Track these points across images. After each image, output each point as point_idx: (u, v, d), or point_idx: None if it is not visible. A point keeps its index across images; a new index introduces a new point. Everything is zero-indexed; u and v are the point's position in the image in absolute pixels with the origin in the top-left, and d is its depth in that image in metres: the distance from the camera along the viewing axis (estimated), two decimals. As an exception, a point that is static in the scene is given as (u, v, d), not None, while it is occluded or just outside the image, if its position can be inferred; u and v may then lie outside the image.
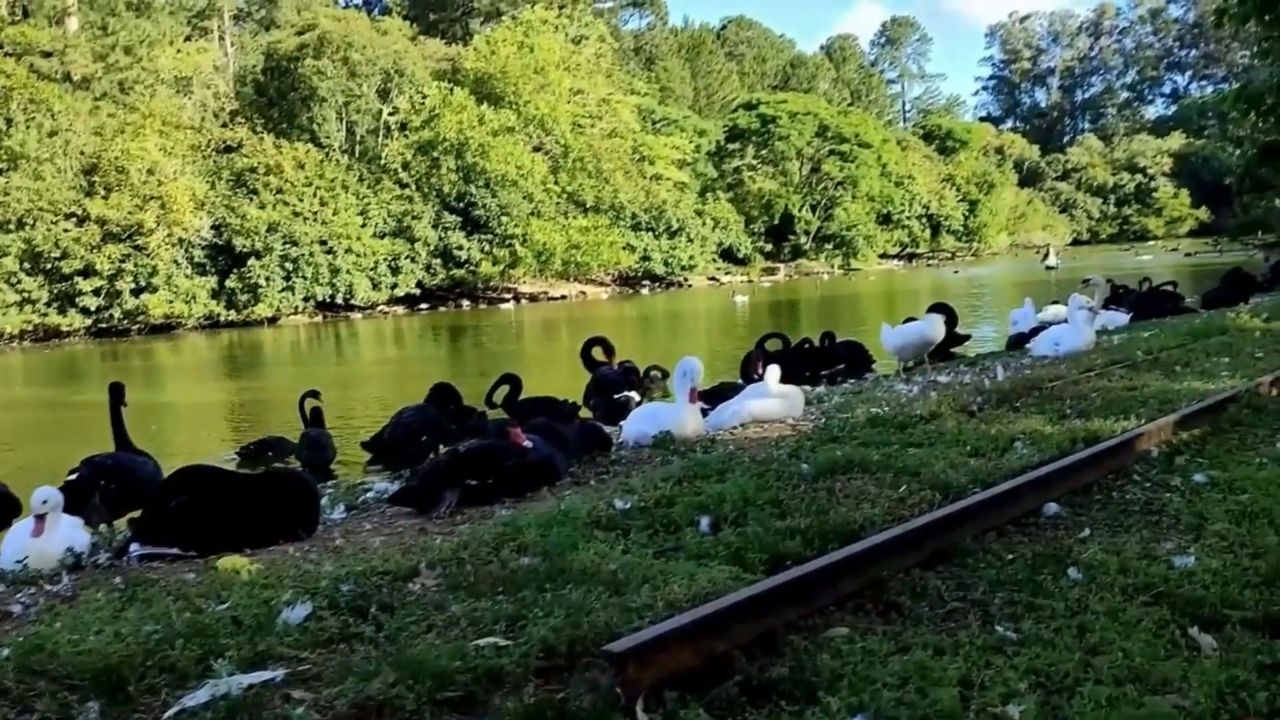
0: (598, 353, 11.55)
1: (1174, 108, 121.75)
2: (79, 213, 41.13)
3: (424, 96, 52.81)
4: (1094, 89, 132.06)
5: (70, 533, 5.03)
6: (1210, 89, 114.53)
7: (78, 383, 25.70)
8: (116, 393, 7.58)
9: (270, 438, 11.46)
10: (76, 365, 32.05)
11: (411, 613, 3.50)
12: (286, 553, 4.76)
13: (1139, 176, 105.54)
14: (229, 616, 3.48)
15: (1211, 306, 16.56)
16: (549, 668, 3.01)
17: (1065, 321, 11.99)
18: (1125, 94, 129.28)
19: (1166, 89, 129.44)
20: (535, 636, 3.13)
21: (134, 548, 4.94)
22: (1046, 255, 57.78)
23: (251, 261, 43.88)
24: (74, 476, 6.83)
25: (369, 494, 6.36)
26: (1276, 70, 15.05)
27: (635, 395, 10.56)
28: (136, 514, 5.74)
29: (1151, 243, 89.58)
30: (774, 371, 8.21)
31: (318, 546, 4.91)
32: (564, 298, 52.71)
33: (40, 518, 4.97)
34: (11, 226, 40.10)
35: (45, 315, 40.68)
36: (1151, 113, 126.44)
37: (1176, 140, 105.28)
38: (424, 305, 49.59)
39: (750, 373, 10.89)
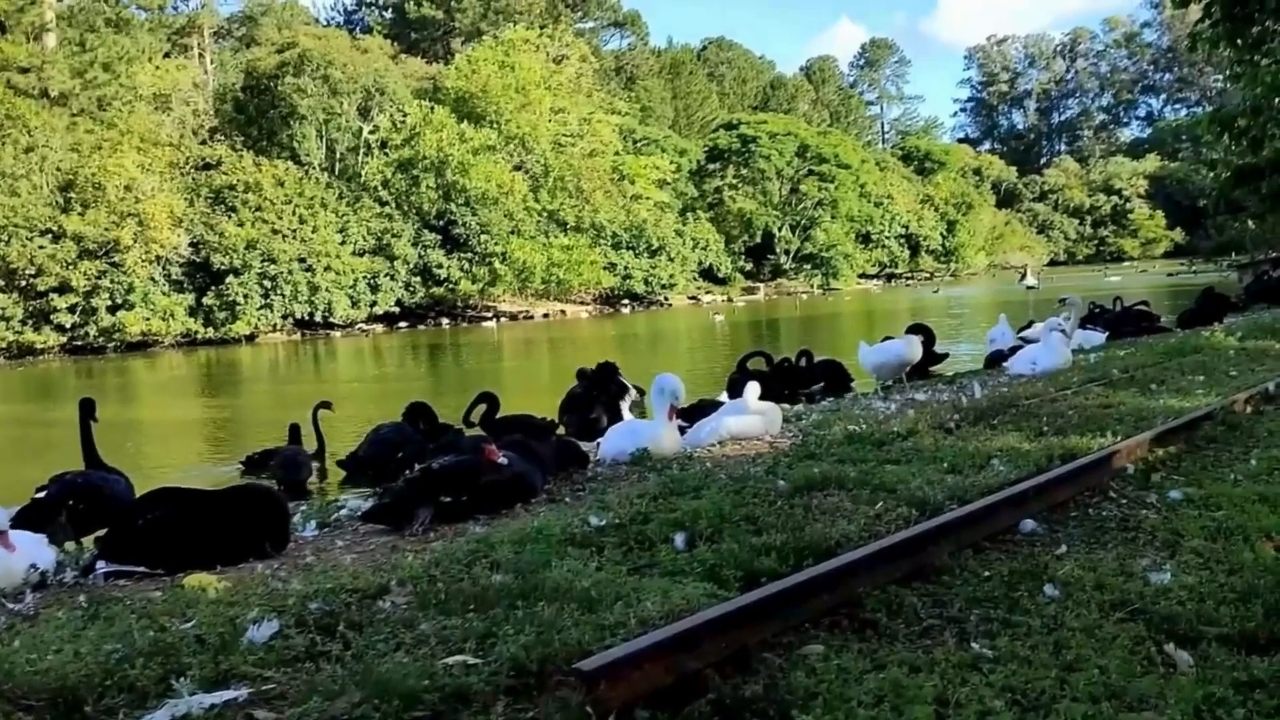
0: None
1: (1149, 130, 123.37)
2: (55, 229, 40.75)
3: (404, 115, 52.79)
4: (1070, 111, 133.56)
5: (34, 550, 4.92)
6: (1184, 112, 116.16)
7: (51, 400, 25.39)
8: (86, 408, 7.47)
9: (275, 448, 11.34)
10: (51, 383, 31.71)
11: (380, 631, 3.45)
12: (255, 570, 4.68)
13: (1115, 198, 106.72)
14: (193, 635, 3.41)
15: (1187, 326, 16.71)
16: (519, 686, 2.96)
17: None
18: (1101, 117, 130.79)
19: (1141, 112, 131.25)
20: (505, 654, 3.08)
21: (100, 565, 4.85)
22: (1024, 276, 58.21)
23: (230, 279, 43.63)
24: (42, 494, 6.72)
25: (342, 511, 6.29)
26: (1249, 94, 15.18)
27: (632, 394, 10.49)
28: (104, 532, 5.64)
29: (1127, 264, 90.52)
30: (753, 389, 8.20)
31: (288, 564, 4.84)
32: (546, 316, 52.68)
33: (2, 534, 4.85)
34: (-14, 243, 39.77)
35: (20, 333, 40.24)
36: (1127, 135, 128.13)
37: (1152, 163, 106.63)
38: (403, 323, 49.42)
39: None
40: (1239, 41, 14.62)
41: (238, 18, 72.44)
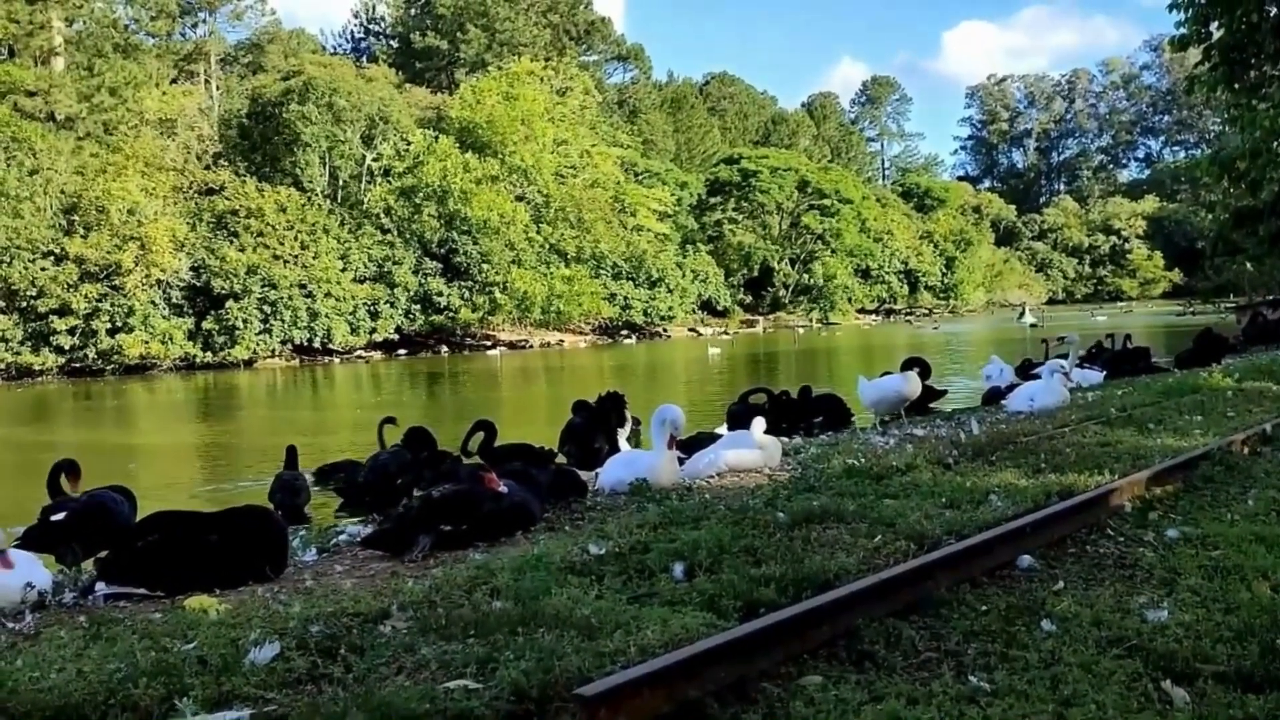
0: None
1: (1147, 172, 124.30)
2: (57, 251, 40.91)
3: (408, 143, 53.08)
4: (1069, 151, 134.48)
5: (30, 569, 4.92)
6: (1182, 154, 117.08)
7: (48, 423, 25.41)
8: (57, 470, 7.28)
9: (345, 460, 11.44)
10: (49, 404, 31.70)
11: (381, 654, 3.46)
12: (255, 593, 4.69)
13: (1113, 238, 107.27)
14: (195, 656, 3.42)
15: (1184, 366, 16.73)
16: (519, 712, 2.98)
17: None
18: (1100, 157, 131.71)
19: (1140, 153, 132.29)
20: (506, 680, 3.09)
21: (100, 587, 4.85)
22: (1024, 313, 58.49)
23: (230, 303, 43.70)
24: (56, 515, 6.67)
25: (341, 537, 6.29)
26: (1247, 137, 15.31)
27: (629, 424, 10.53)
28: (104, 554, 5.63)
29: (1120, 304, 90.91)
30: (759, 423, 8.24)
31: (287, 587, 4.85)
32: (546, 346, 52.73)
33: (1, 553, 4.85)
34: (-12, 264, 39.87)
35: (19, 354, 40.26)
36: (1125, 176, 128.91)
37: (1150, 204, 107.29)
38: (402, 351, 49.45)
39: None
40: (1237, 85, 14.80)
41: (245, 45, 72.95)
